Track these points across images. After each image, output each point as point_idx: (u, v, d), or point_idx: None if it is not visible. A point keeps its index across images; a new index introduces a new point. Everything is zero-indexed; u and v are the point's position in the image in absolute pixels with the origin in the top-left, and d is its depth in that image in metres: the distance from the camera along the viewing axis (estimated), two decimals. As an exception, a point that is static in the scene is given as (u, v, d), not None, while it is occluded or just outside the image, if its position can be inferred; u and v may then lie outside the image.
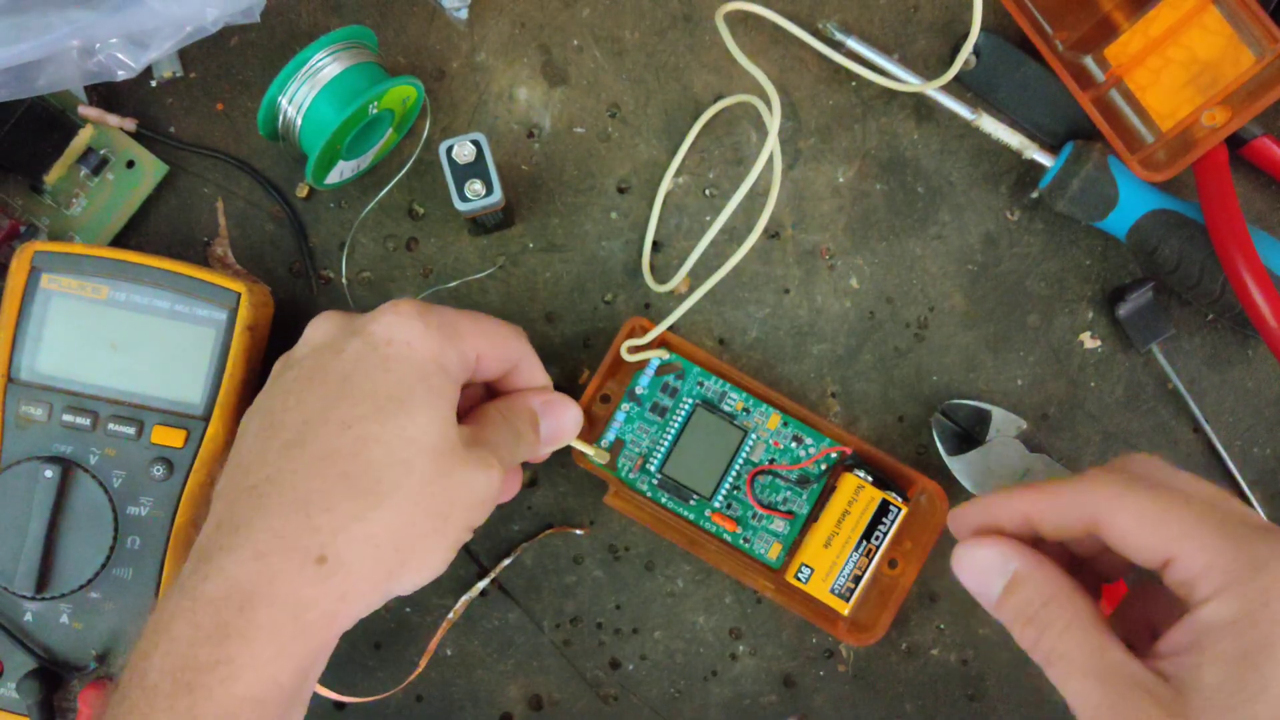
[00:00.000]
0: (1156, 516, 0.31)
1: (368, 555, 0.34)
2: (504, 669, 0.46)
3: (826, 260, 0.46)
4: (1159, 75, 0.43)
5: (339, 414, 0.35)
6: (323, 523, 0.33)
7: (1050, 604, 0.33)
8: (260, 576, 0.32)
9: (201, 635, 0.32)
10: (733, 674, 0.46)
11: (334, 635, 0.34)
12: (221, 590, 0.32)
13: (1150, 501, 0.32)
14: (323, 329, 0.38)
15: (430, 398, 0.36)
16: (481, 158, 0.41)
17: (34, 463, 0.40)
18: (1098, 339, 0.46)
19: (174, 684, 0.31)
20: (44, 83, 0.40)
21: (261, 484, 0.34)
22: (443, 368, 0.37)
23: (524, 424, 0.41)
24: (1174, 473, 0.34)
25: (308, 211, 0.46)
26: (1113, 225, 0.44)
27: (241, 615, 0.32)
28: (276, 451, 0.35)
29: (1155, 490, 0.32)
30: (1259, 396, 0.46)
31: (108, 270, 0.41)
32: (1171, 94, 0.43)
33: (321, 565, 0.33)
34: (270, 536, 0.33)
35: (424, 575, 0.36)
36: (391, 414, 0.35)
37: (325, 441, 0.34)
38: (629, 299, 0.46)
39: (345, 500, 0.34)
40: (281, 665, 0.32)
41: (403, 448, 0.35)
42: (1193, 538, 0.31)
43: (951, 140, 0.46)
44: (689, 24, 0.46)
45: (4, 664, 0.41)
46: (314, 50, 0.40)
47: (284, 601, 0.32)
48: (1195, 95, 0.43)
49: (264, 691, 0.32)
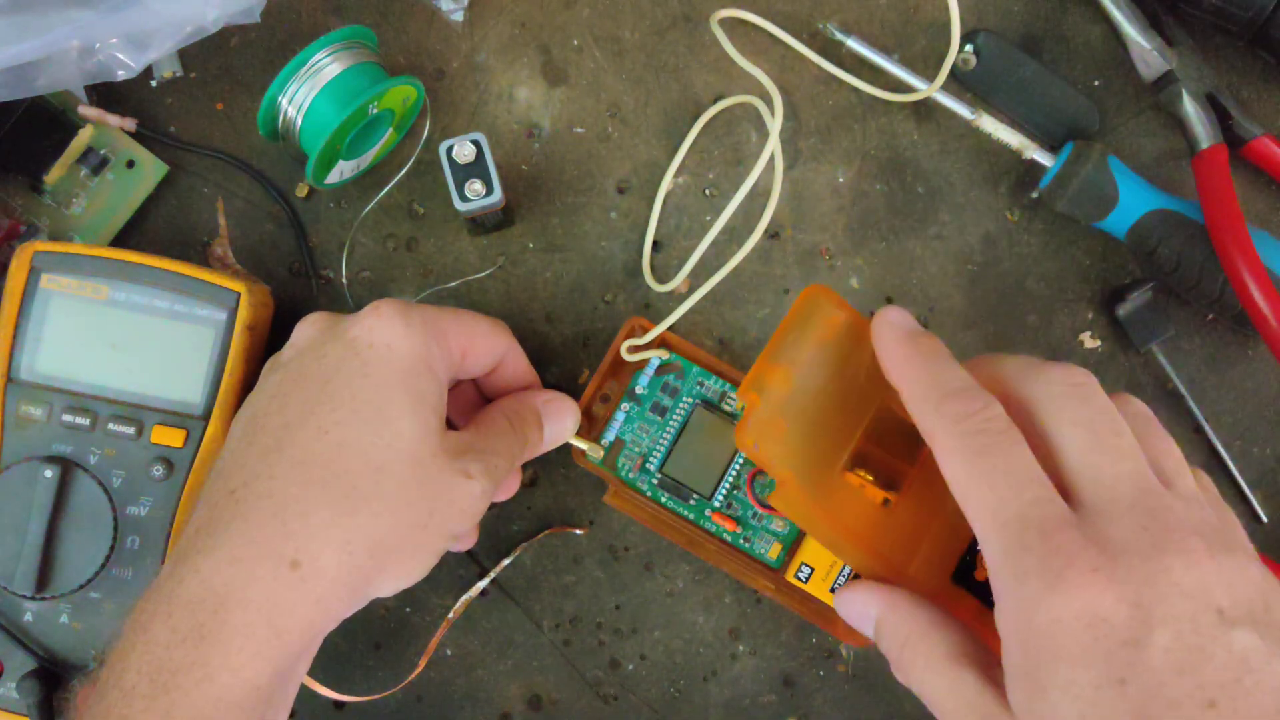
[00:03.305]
0: (961, 493, 0.31)
1: (344, 561, 0.34)
2: (503, 669, 0.46)
3: (826, 260, 0.46)
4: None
5: (318, 419, 0.35)
6: (297, 528, 0.33)
7: (906, 647, 0.33)
8: (235, 580, 0.33)
9: (177, 637, 0.32)
10: (732, 674, 0.46)
11: (313, 638, 0.35)
12: (197, 593, 0.32)
13: (962, 469, 0.31)
14: (306, 332, 0.38)
15: (411, 402, 0.36)
16: (481, 158, 0.41)
17: (34, 463, 0.40)
18: (1098, 339, 0.46)
19: (151, 685, 0.31)
20: (44, 83, 0.40)
21: (239, 489, 0.34)
22: (428, 369, 0.37)
23: (531, 428, 0.41)
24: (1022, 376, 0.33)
25: (308, 211, 0.46)
26: (1113, 225, 0.44)
27: (216, 618, 0.32)
28: (256, 456, 0.35)
29: (971, 461, 0.31)
30: (1259, 396, 0.46)
31: (108, 270, 0.41)
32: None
33: (296, 570, 0.33)
34: (245, 541, 0.33)
35: (402, 580, 0.36)
36: (369, 419, 0.35)
37: (303, 446, 0.34)
38: (629, 299, 0.46)
39: (321, 506, 0.34)
40: (258, 668, 0.32)
41: (379, 453, 0.35)
42: (980, 533, 0.31)
43: (951, 140, 0.46)
44: (689, 24, 0.46)
45: (4, 664, 0.41)
46: (314, 50, 0.40)
47: (259, 605, 0.33)
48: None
49: (240, 694, 0.32)
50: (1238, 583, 0.29)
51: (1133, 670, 0.28)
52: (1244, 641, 0.28)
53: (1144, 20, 0.44)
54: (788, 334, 0.35)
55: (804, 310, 0.35)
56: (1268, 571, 0.31)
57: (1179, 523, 0.30)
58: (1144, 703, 0.28)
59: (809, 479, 0.34)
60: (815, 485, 0.34)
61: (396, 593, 0.36)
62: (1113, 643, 0.28)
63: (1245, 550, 0.31)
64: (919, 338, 0.34)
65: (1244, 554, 0.30)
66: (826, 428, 0.35)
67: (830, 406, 0.35)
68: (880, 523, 0.35)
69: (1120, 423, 0.32)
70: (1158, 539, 0.29)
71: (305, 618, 0.33)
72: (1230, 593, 0.29)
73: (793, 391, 0.35)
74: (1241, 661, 0.28)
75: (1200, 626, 0.28)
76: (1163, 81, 0.44)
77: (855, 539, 0.35)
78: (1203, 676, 0.28)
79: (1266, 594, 0.30)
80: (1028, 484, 0.31)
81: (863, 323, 0.36)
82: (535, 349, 0.45)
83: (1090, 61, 0.46)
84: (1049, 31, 0.46)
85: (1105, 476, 0.31)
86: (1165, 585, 0.29)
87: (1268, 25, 0.43)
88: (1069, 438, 0.31)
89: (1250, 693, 0.28)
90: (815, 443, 0.35)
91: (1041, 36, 0.46)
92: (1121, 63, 0.46)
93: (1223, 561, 0.29)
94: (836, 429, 0.35)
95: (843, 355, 0.35)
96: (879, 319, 0.34)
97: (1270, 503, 0.46)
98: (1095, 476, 0.31)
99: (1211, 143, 0.43)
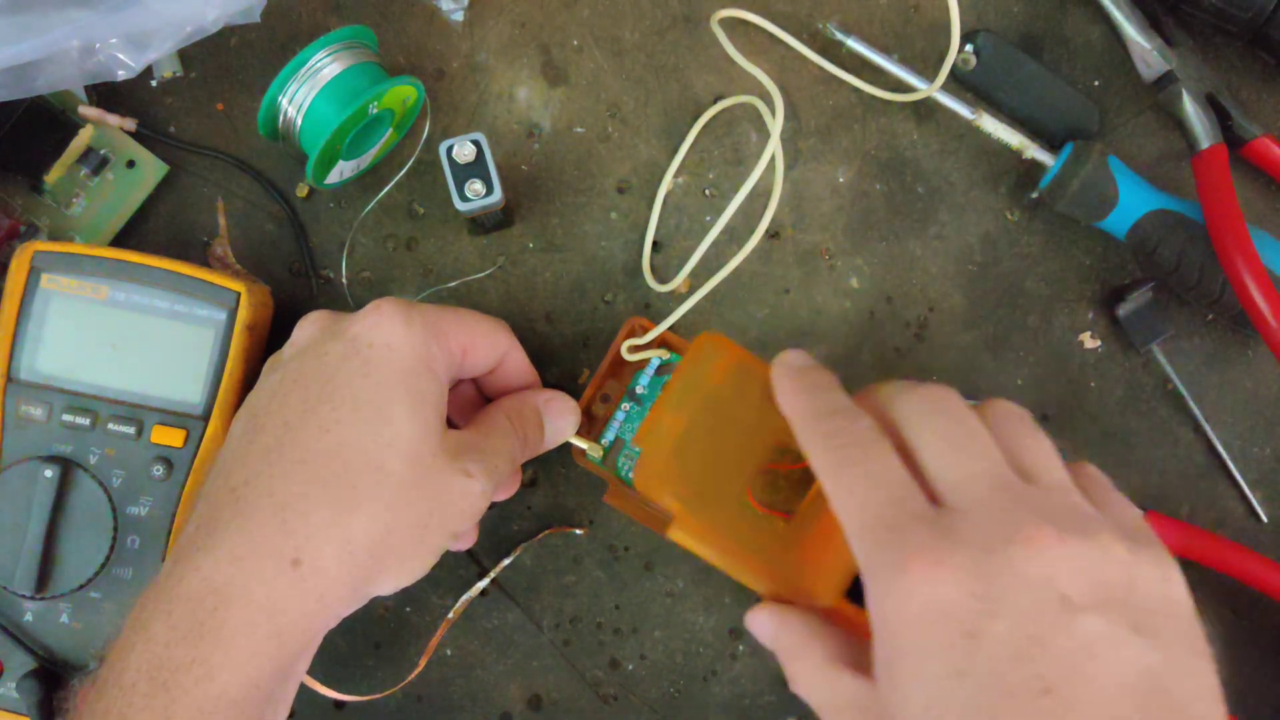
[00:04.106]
0: (834, 504, 0.33)
1: (344, 560, 0.34)
2: (503, 669, 0.46)
3: (826, 260, 0.46)
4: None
5: (318, 418, 0.35)
6: (298, 526, 0.33)
7: (792, 658, 0.35)
8: (235, 578, 0.33)
9: (177, 635, 0.32)
10: (732, 674, 0.46)
11: (313, 637, 0.35)
12: (198, 591, 0.32)
13: (832, 480, 0.33)
14: (307, 331, 0.38)
15: (411, 401, 0.36)
16: (481, 158, 0.41)
17: (34, 462, 0.40)
18: (1098, 339, 0.46)
19: (150, 683, 0.31)
20: (44, 83, 0.40)
21: (240, 487, 0.34)
22: (428, 368, 0.37)
23: (532, 427, 0.41)
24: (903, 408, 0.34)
25: (308, 211, 0.46)
26: (1113, 225, 0.44)
27: (215, 616, 0.32)
28: (257, 455, 0.35)
29: (838, 470, 0.33)
30: (1259, 396, 0.46)
31: (108, 270, 0.41)
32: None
33: (296, 569, 0.33)
34: (246, 540, 0.33)
35: (403, 579, 0.36)
36: (369, 418, 0.35)
37: (304, 445, 0.34)
38: (629, 299, 0.46)
39: (321, 505, 0.34)
40: (257, 666, 0.32)
41: (379, 452, 0.35)
42: (849, 538, 0.32)
43: (951, 140, 0.46)
44: (689, 24, 0.46)
45: (4, 664, 0.41)
46: (314, 50, 0.40)
47: (259, 604, 0.33)
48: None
49: (240, 692, 0.32)
50: (1092, 568, 0.30)
51: (971, 661, 0.29)
52: (1089, 628, 0.29)
53: (1144, 20, 0.44)
54: (680, 381, 0.38)
55: (695, 358, 0.38)
56: (1151, 554, 0.31)
57: (1031, 513, 0.31)
58: (981, 693, 0.28)
59: (701, 512, 0.37)
60: (708, 517, 0.37)
61: (397, 590, 0.36)
62: (954, 634, 0.29)
63: (1116, 533, 0.31)
64: (809, 372, 0.36)
65: (1112, 537, 0.31)
66: (722, 463, 0.37)
67: (726, 444, 0.37)
68: (778, 546, 0.36)
69: (976, 428, 0.33)
70: (1006, 531, 0.30)
71: (306, 616, 0.33)
72: (1080, 579, 0.30)
73: (683, 435, 0.37)
74: (1084, 648, 0.29)
75: (1041, 615, 0.29)
76: (1163, 81, 0.44)
77: (749, 564, 0.37)
78: (1040, 665, 0.28)
79: (1133, 578, 0.30)
80: (886, 486, 0.32)
81: (755, 363, 0.38)
82: (535, 349, 0.45)
83: (1090, 61, 0.46)
84: (1049, 31, 0.46)
85: (960, 476, 0.32)
86: (1008, 576, 0.30)
87: (1268, 25, 0.43)
88: (928, 445, 0.33)
89: (1092, 680, 0.28)
90: (709, 478, 0.37)
91: (1041, 36, 0.46)
92: (1121, 63, 0.46)
93: (1076, 547, 0.30)
94: (734, 463, 0.37)
95: (737, 394, 0.38)
96: (777, 360, 0.37)
97: (1270, 503, 0.46)
98: (951, 478, 0.32)
99: (1211, 143, 0.43)
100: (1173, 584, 0.31)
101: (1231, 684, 0.48)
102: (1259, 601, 0.46)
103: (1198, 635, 0.31)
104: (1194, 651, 0.30)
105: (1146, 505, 0.45)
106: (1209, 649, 0.31)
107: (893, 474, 0.32)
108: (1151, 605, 0.30)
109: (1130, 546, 0.31)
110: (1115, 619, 0.29)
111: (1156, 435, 0.46)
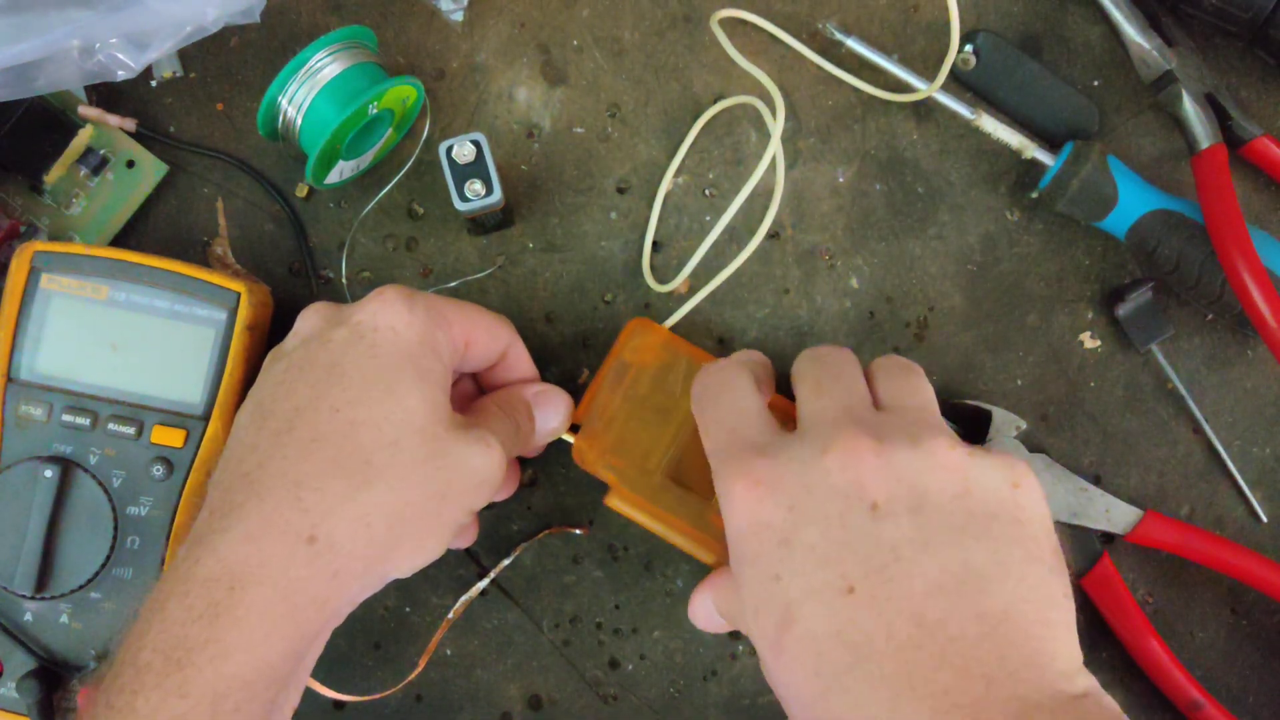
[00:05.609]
0: (703, 443, 0.37)
1: (359, 535, 0.34)
2: (503, 669, 0.46)
3: (826, 260, 0.46)
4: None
5: (328, 400, 0.35)
6: (313, 504, 0.33)
7: (734, 622, 0.38)
8: (251, 558, 0.33)
9: (193, 615, 0.32)
10: (732, 674, 0.46)
11: (328, 618, 0.34)
12: (213, 571, 0.32)
13: (700, 423, 0.38)
14: (311, 320, 0.38)
15: (419, 379, 0.36)
16: (481, 158, 0.41)
17: (34, 463, 0.40)
18: (1097, 339, 0.46)
19: (165, 661, 0.31)
20: (44, 83, 0.40)
21: (253, 470, 0.34)
22: (432, 350, 0.37)
23: (521, 415, 0.41)
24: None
25: (308, 211, 0.46)
26: (1112, 225, 0.44)
27: (231, 595, 0.32)
28: (268, 439, 0.35)
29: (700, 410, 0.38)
30: (1259, 396, 0.46)
31: (108, 270, 0.41)
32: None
33: (312, 545, 0.33)
34: (261, 519, 0.33)
35: (420, 557, 0.36)
36: (379, 397, 0.35)
37: (315, 426, 0.35)
38: (629, 299, 0.46)
39: (335, 481, 0.34)
40: (272, 646, 0.32)
41: (392, 429, 0.35)
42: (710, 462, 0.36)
43: (951, 140, 0.46)
44: (689, 24, 0.46)
45: (4, 664, 0.41)
46: (314, 50, 0.40)
47: (275, 582, 0.32)
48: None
49: (254, 672, 0.32)
50: (910, 474, 0.32)
51: (784, 566, 0.32)
52: (894, 533, 0.32)
53: (1144, 20, 0.44)
54: (613, 361, 0.43)
55: (626, 340, 0.43)
56: (997, 461, 0.33)
57: (856, 428, 0.33)
58: (790, 592, 0.32)
59: (634, 483, 0.41)
60: (641, 487, 0.41)
61: (413, 572, 0.36)
62: (771, 543, 0.33)
63: (952, 440, 0.33)
64: (724, 361, 0.40)
65: (946, 443, 0.33)
66: (653, 437, 0.42)
67: (653, 420, 0.42)
68: (704, 514, 0.41)
69: (845, 373, 0.37)
70: (825, 444, 0.33)
71: (321, 594, 0.33)
72: (894, 485, 0.32)
73: (615, 412, 0.42)
74: (889, 550, 0.31)
75: (848, 521, 0.32)
76: (1162, 81, 0.44)
77: (685, 532, 0.41)
78: (844, 566, 0.31)
79: (968, 482, 0.32)
80: (732, 417, 0.37)
81: (682, 344, 0.43)
82: (535, 349, 0.45)
83: (1090, 61, 0.46)
84: (1049, 31, 0.46)
85: (814, 409, 0.36)
86: (821, 488, 0.33)
87: (1267, 25, 0.43)
88: (800, 390, 0.37)
89: (893, 580, 0.31)
90: (639, 452, 0.41)
91: (1041, 36, 0.46)
92: (1121, 63, 0.46)
93: (894, 455, 0.33)
94: (665, 438, 0.42)
95: (664, 373, 0.42)
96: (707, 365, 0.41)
97: (1270, 503, 0.46)
98: (806, 411, 0.36)
99: (1211, 143, 0.43)
100: (1022, 491, 0.33)
101: (1231, 684, 0.48)
102: (1259, 601, 0.47)
103: (1039, 542, 0.32)
104: (1028, 556, 0.32)
105: (1146, 505, 0.45)
106: (1055, 559, 0.32)
107: (740, 406, 0.37)
108: (988, 509, 0.32)
109: (971, 452, 0.33)
110: (927, 522, 0.31)
111: (1156, 435, 0.46)
